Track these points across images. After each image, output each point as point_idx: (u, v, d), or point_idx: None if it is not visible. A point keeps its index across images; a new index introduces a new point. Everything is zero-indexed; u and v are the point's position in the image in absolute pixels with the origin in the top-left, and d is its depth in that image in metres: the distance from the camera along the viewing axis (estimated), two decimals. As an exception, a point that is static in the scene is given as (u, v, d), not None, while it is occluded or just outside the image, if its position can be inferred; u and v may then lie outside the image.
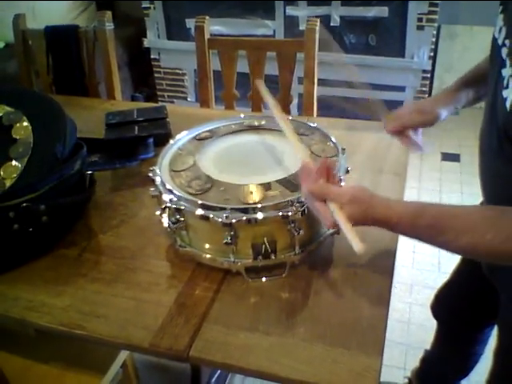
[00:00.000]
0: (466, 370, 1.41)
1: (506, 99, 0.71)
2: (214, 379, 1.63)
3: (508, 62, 0.72)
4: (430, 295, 1.37)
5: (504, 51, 0.75)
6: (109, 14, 1.75)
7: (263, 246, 0.86)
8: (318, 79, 1.64)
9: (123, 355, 1.23)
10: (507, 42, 0.74)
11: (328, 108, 3.00)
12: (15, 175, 0.98)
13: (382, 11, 2.74)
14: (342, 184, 0.89)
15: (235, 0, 2.97)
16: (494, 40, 0.80)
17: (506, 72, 0.73)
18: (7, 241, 0.93)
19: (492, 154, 0.82)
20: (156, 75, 3.41)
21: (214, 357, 0.76)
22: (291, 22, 2.93)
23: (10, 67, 2.73)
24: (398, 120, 1.04)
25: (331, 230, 0.93)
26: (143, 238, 1.02)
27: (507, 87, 0.72)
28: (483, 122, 0.87)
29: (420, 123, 1.03)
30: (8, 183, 0.97)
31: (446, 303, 1.33)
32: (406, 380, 1.59)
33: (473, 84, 1.02)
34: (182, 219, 0.89)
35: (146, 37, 3.26)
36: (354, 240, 0.73)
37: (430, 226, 0.72)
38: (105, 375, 1.16)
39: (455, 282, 1.28)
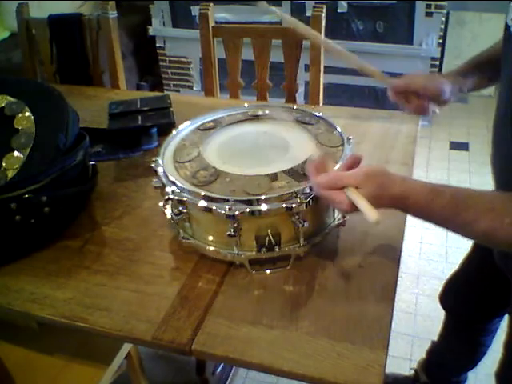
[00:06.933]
0: (473, 362, 1.40)
1: None
2: (218, 370, 1.63)
3: None
4: (437, 286, 1.36)
5: None
6: (112, 2, 1.73)
7: (267, 238, 0.85)
8: (325, 67, 1.61)
9: (127, 346, 1.23)
10: None
11: (335, 96, 2.98)
12: (17, 166, 0.97)
13: (390, -3, 2.70)
14: None
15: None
16: (507, 28, 0.77)
17: None
18: (9, 232, 0.92)
19: (506, 144, 0.80)
20: (161, 64, 3.39)
21: (216, 350, 0.75)
22: (298, 9, 2.89)
23: (16, 57, 2.72)
24: (403, 80, 1.04)
25: (336, 222, 0.92)
26: (146, 229, 1.01)
27: None
28: (496, 113, 0.84)
29: (423, 87, 1.01)
30: (10, 174, 0.96)
31: (455, 293, 1.32)
32: (413, 371, 1.59)
33: (480, 68, 1.00)
34: (185, 211, 0.88)
35: (151, 25, 3.23)
36: (369, 210, 0.70)
37: (448, 204, 0.69)
38: (109, 366, 1.16)
39: (465, 272, 1.27)
